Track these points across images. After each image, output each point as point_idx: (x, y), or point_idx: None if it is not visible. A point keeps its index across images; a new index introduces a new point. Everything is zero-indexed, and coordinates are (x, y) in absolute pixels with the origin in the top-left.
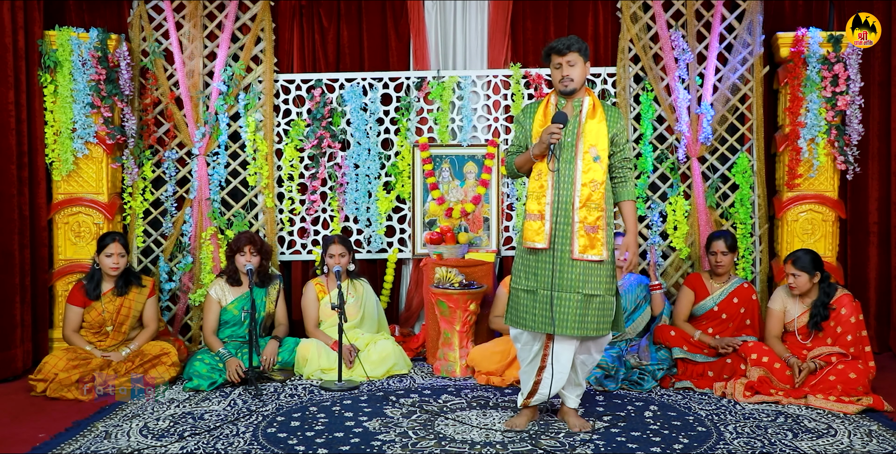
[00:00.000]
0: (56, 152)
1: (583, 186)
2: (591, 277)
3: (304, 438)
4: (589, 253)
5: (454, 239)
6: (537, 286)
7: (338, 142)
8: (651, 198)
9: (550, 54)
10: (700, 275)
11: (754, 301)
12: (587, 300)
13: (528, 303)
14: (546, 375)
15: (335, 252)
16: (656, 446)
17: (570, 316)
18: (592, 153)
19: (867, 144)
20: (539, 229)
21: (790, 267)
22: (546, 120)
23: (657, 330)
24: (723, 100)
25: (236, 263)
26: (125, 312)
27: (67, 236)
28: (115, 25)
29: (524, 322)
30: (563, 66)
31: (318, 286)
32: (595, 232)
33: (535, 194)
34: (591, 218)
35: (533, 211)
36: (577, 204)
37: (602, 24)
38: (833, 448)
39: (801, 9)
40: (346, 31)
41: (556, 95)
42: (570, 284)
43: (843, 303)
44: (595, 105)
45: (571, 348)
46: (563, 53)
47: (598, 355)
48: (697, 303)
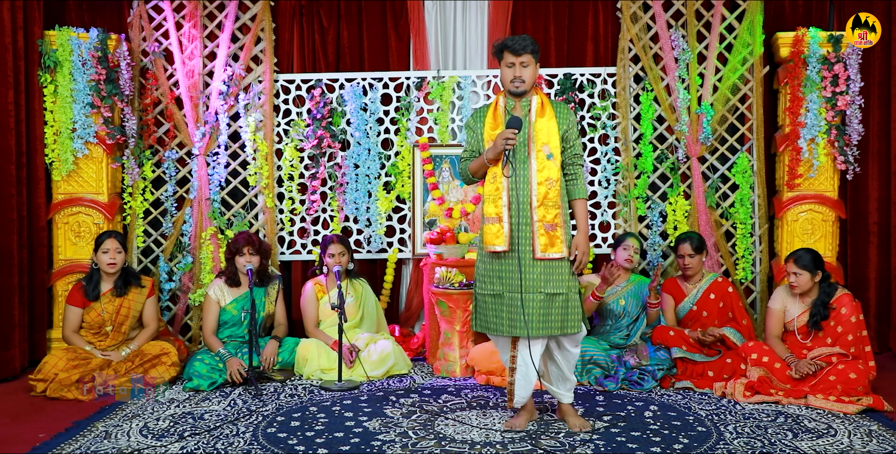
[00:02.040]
0: (56, 152)
1: (539, 185)
2: (553, 276)
3: (304, 438)
4: (550, 251)
5: (454, 239)
6: (503, 289)
7: (338, 142)
8: (651, 198)
9: (503, 51)
10: (675, 279)
11: (732, 293)
12: (550, 299)
13: (495, 308)
14: (518, 376)
15: (335, 251)
16: (656, 446)
17: (532, 316)
18: (545, 151)
19: (867, 144)
20: (498, 232)
21: (792, 265)
22: (496, 123)
23: (656, 330)
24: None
25: (236, 264)
26: (124, 313)
27: (67, 236)
28: (115, 25)
29: (493, 326)
30: (515, 66)
31: (318, 286)
32: (554, 230)
33: (491, 197)
34: (550, 216)
35: (490, 214)
36: (535, 203)
37: (602, 24)
38: (833, 448)
39: (801, 9)
40: (346, 31)
41: (504, 97)
42: (533, 284)
43: (844, 302)
44: (544, 103)
45: (538, 348)
46: (519, 53)
47: (574, 349)
48: (677, 307)
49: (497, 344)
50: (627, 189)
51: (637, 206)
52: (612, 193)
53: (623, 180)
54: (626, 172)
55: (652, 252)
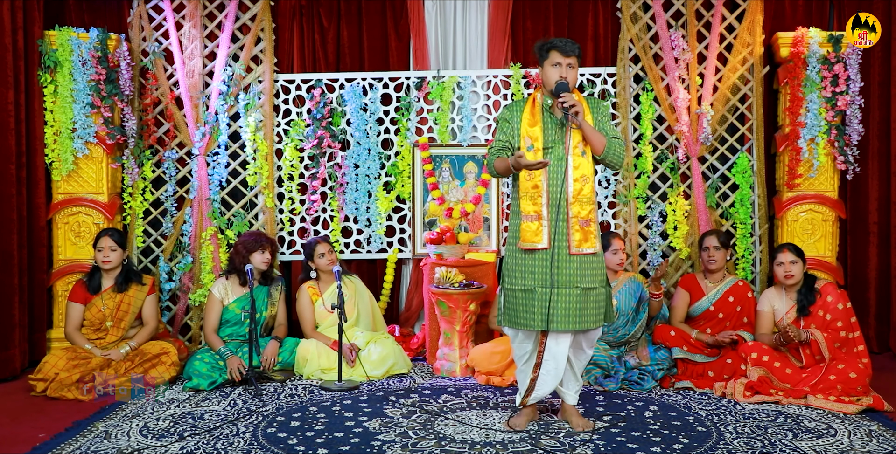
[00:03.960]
0: (56, 152)
1: (574, 182)
2: (588, 271)
3: (304, 438)
4: (584, 246)
5: (454, 239)
6: (535, 284)
7: (338, 142)
8: (651, 198)
9: (551, 51)
10: (694, 275)
11: (750, 299)
12: (585, 293)
13: (526, 303)
14: (543, 371)
15: (324, 250)
16: (656, 446)
17: (570, 311)
18: (580, 148)
19: (867, 144)
20: (538, 230)
21: (789, 254)
22: (535, 119)
23: (657, 330)
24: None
25: (252, 260)
26: (124, 309)
27: (67, 236)
28: (115, 25)
29: (523, 322)
30: (562, 67)
31: (311, 289)
32: (588, 225)
33: (528, 194)
34: (584, 212)
35: (529, 211)
36: (571, 199)
37: (602, 24)
38: (833, 448)
39: (801, 9)
40: (346, 31)
41: (542, 95)
42: (569, 280)
43: (829, 290)
44: (579, 100)
45: (566, 343)
46: (568, 55)
47: (589, 350)
48: (693, 304)
49: (516, 340)
50: (627, 189)
51: (637, 205)
52: (612, 193)
53: (623, 180)
54: (625, 172)
55: (652, 252)
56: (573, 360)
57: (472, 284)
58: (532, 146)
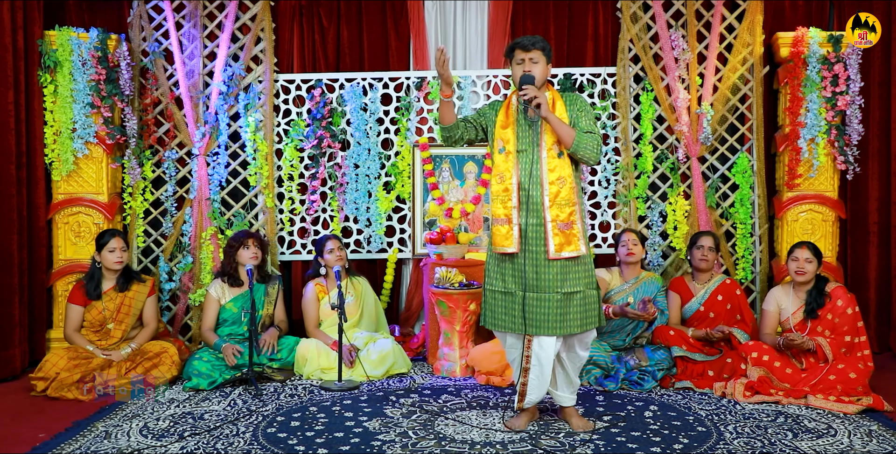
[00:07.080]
0: (56, 152)
1: (550, 185)
2: (570, 274)
3: (304, 438)
4: (566, 250)
5: (454, 239)
6: (515, 287)
7: (338, 142)
8: (651, 198)
9: (514, 49)
10: (682, 278)
11: (740, 296)
12: (567, 298)
13: (504, 305)
14: (532, 376)
15: (333, 246)
16: (656, 446)
17: (549, 316)
18: (556, 150)
19: (867, 144)
20: (507, 233)
21: (805, 252)
22: (508, 120)
23: (657, 330)
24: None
25: (239, 258)
26: (125, 310)
27: (67, 236)
28: (115, 25)
29: (501, 324)
30: (525, 62)
31: (318, 286)
32: (570, 228)
33: (499, 198)
34: (563, 215)
35: (499, 215)
36: (548, 203)
37: (602, 24)
38: (833, 448)
39: (801, 9)
40: (346, 31)
41: (516, 96)
42: (548, 284)
43: (839, 294)
44: (555, 100)
45: (552, 348)
46: (528, 49)
47: (584, 353)
48: (684, 306)
49: (505, 343)
50: (627, 189)
51: (637, 205)
52: (612, 193)
53: (623, 180)
54: (625, 172)
55: (652, 252)
56: (567, 363)
57: (472, 284)
58: (504, 148)
